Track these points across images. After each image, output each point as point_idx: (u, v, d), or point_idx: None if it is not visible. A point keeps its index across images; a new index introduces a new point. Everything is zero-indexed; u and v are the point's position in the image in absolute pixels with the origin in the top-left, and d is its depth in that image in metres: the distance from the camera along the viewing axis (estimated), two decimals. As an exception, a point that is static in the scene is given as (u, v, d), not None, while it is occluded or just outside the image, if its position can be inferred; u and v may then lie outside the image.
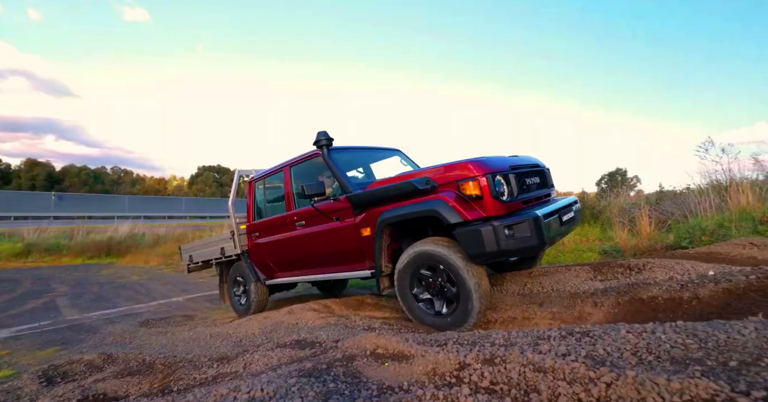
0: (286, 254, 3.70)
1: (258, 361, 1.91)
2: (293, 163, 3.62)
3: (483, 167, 2.33)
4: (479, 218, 2.25)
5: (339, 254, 3.15)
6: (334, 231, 3.09)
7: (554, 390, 0.99)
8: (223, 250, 4.34)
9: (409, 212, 2.48)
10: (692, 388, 0.83)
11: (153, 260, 9.92)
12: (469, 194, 2.28)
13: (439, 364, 1.22)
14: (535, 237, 2.15)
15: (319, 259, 3.39)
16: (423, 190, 2.43)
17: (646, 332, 1.29)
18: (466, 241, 2.23)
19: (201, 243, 5.01)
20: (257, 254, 4.00)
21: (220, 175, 50.07)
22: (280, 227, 3.70)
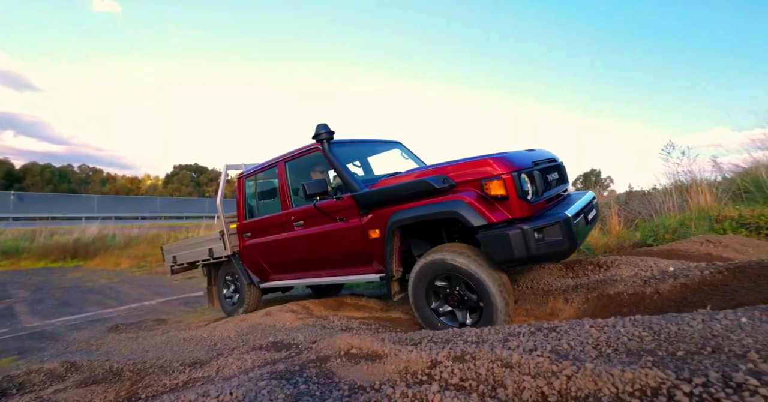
0: (282, 256, 3.48)
1: (232, 364, 1.88)
2: (289, 158, 3.37)
3: (507, 164, 2.14)
4: (504, 220, 2.08)
5: (344, 257, 2.95)
6: (338, 232, 2.88)
7: (519, 384, 1.03)
8: (212, 251, 4.07)
9: (426, 214, 2.27)
10: (643, 378, 0.89)
11: (124, 262, 9.52)
12: (494, 194, 2.09)
13: (412, 363, 1.24)
14: (567, 240, 1.98)
15: (320, 262, 3.19)
16: (440, 189, 2.22)
17: (608, 326, 1.36)
18: (492, 246, 2.04)
19: (186, 243, 4.70)
20: (250, 256, 3.76)
21: (197, 174, 48.55)
22: (275, 227, 3.47)
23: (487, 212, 2.08)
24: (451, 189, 2.24)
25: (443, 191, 2.24)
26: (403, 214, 2.40)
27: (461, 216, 2.11)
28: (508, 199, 2.08)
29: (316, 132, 2.95)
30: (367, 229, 2.65)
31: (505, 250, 2.00)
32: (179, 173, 46.92)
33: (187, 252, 4.55)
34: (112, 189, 42.28)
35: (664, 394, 0.82)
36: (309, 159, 3.29)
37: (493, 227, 2.08)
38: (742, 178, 4.92)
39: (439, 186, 2.22)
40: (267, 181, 3.85)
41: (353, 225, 2.76)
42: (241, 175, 3.91)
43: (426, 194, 2.31)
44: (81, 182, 42.52)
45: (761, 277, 2.01)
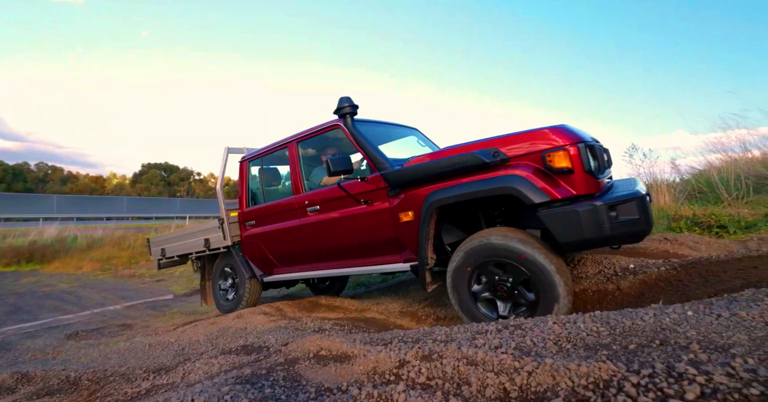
0: (292, 246, 3.15)
1: (198, 369, 1.81)
2: (302, 137, 3.07)
3: (570, 135, 1.92)
4: (568, 197, 1.85)
5: (367, 244, 2.66)
6: (362, 217, 2.60)
7: (483, 381, 1.05)
8: (208, 241, 3.70)
9: (473, 191, 1.99)
10: (596, 371, 0.93)
11: (86, 266, 9.00)
12: (558, 167, 1.85)
13: (380, 363, 1.24)
14: (644, 219, 1.76)
15: (338, 251, 2.89)
16: (491, 164, 1.99)
17: (569, 323, 1.42)
18: (557, 225, 1.80)
19: (178, 234, 4.32)
20: (253, 246, 3.44)
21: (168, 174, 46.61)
22: (284, 214, 3.15)
23: (549, 188, 1.84)
24: (503, 164, 2.00)
25: (493, 166, 2.01)
26: (444, 193, 2.11)
27: (519, 192, 1.85)
28: (573, 173, 1.84)
29: (339, 106, 2.64)
30: (398, 212, 2.39)
31: (574, 230, 1.75)
32: (148, 172, 44.92)
33: (178, 243, 4.16)
34: (73, 188, 39.86)
35: (614, 386, 0.87)
36: (326, 139, 3.01)
37: (554, 205, 1.84)
38: (696, 180, 5.28)
39: (490, 160, 1.97)
40: (275, 164, 3.55)
41: (380, 208, 2.50)
42: (245, 159, 3.58)
43: (472, 170, 2.06)
44: (39, 181, 39.85)
45: (709, 273, 2.16)
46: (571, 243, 1.83)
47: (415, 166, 2.29)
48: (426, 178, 2.23)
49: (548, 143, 1.93)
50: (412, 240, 2.34)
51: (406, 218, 2.35)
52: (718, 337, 1.03)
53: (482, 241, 2.04)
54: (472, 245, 2.07)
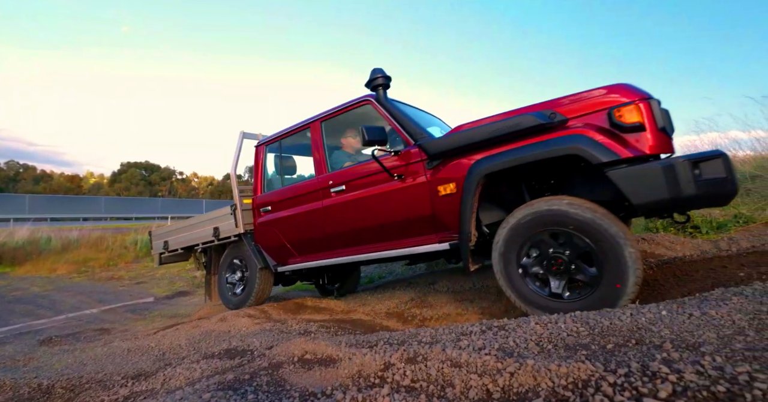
0: (313, 231, 2.96)
1: (180, 375, 1.77)
2: (327, 116, 2.92)
3: (639, 92, 1.79)
4: (640, 157, 1.70)
5: (399, 225, 2.48)
6: (395, 193, 2.44)
7: (467, 383, 1.06)
8: (218, 230, 3.50)
9: (531, 154, 1.82)
10: (576, 371, 0.95)
11: (61, 268, 8.66)
12: (629, 122, 1.70)
13: (365, 366, 1.24)
14: (731, 180, 1.60)
15: (365, 235, 2.69)
16: (547, 126, 1.85)
17: (551, 323, 1.45)
18: (633, 184, 1.62)
19: (184, 224, 4.07)
20: (268, 234, 3.26)
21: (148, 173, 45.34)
22: (305, 197, 2.99)
23: (619, 146, 1.69)
24: (561, 125, 1.86)
25: (550, 129, 1.87)
26: (494, 160, 1.95)
27: (587, 152, 1.68)
28: (645, 131, 1.69)
29: (371, 77, 2.49)
30: (436, 185, 2.23)
31: (653, 189, 1.57)
32: (128, 171, 43.61)
33: (184, 235, 3.92)
34: (47, 188, 38.30)
35: (592, 386, 0.89)
36: (353, 115, 2.84)
37: (624, 165, 1.68)
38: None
39: (547, 121, 1.83)
40: (294, 147, 3.38)
41: (416, 182, 2.35)
42: (262, 143, 3.44)
43: (525, 134, 1.92)
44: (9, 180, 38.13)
45: (683, 272, 2.25)
46: (647, 205, 1.62)
47: (459, 133, 2.13)
48: (472, 146, 2.07)
49: (615, 99, 1.78)
50: (452, 216, 2.17)
51: (445, 191, 2.19)
52: (689, 335, 1.07)
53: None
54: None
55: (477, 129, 2.07)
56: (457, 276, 3.78)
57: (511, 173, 2.03)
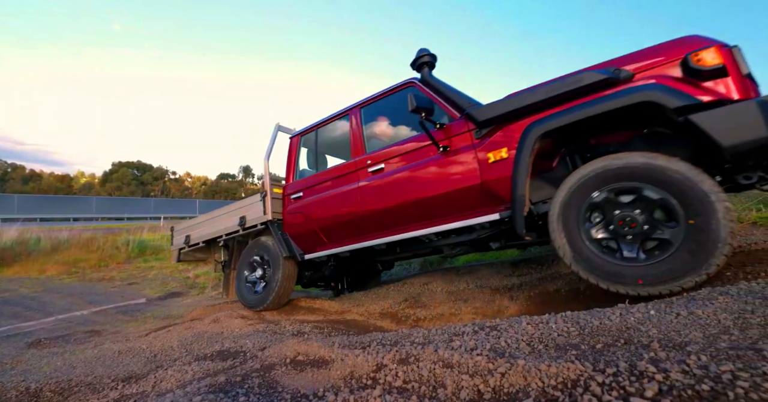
0: (347, 213, 2.86)
1: (171, 377, 1.76)
2: (367, 102, 2.93)
3: (714, 40, 1.69)
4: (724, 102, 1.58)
5: (443, 199, 2.39)
6: (440, 165, 2.37)
7: (458, 383, 1.07)
8: (244, 219, 3.45)
9: (597, 107, 1.71)
10: (565, 371, 0.97)
11: (51, 269, 8.53)
12: (709, 65, 1.58)
13: (357, 367, 1.24)
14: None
15: (406, 212, 2.59)
16: (610, 81, 1.78)
17: (542, 323, 1.47)
18: (720, 125, 1.48)
19: (207, 217, 3.96)
20: (297, 220, 3.22)
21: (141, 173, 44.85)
22: (339, 179, 2.95)
23: (698, 91, 1.60)
24: (628, 80, 1.78)
25: (613, 84, 1.79)
26: (553, 118, 1.85)
27: (663, 98, 1.57)
28: (728, 75, 1.58)
29: (417, 56, 2.50)
30: (486, 153, 2.18)
31: (747, 128, 1.45)
32: (119, 171, 43.06)
33: (208, 227, 3.83)
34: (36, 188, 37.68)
35: (581, 385, 0.91)
36: (395, 100, 2.79)
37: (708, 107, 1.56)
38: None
39: (611, 76, 1.76)
40: (330, 137, 3.34)
41: (463, 152, 2.29)
42: (297, 133, 3.46)
43: (588, 91, 1.83)
44: (-3, 179, 37.44)
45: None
46: (739, 146, 1.47)
47: (510, 97, 2.09)
48: (525, 108, 2.01)
49: (688, 48, 1.68)
50: (502, 183, 2.09)
51: (496, 158, 2.13)
52: (676, 335, 1.09)
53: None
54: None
55: (531, 91, 2.01)
56: (451, 276, 3.80)
57: (566, 136, 1.93)
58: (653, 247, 1.67)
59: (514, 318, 1.65)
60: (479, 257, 5.16)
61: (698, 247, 1.51)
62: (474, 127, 2.27)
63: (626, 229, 1.71)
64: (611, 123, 1.85)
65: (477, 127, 2.25)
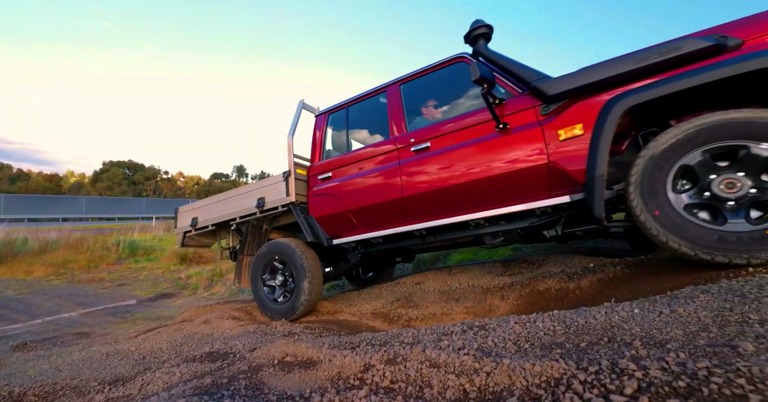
0: (384, 195, 2.63)
1: (158, 380, 1.74)
2: (407, 79, 2.73)
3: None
4: None
5: (502, 180, 2.20)
6: (499, 143, 2.18)
7: (444, 383, 1.07)
8: (263, 201, 3.17)
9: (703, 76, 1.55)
10: (549, 370, 0.98)
11: (38, 271, 8.38)
12: None
13: (345, 368, 1.24)
14: None
15: (458, 194, 2.38)
16: (717, 48, 1.63)
17: (529, 322, 1.48)
18: None
19: (219, 198, 3.61)
20: (325, 203, 2.96)
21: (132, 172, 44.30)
22: (376, 158, 2.72)
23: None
24: (734, 49, 1.63)
25: (716, 53, 1.64)
26: (647, 90, 1.68)
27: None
28: None
29: (471, 28, 2.31)
30: (556, 129, 2.01)
31: None
32: (110, 170, 42.47)
33: (219, 209, 3.50)
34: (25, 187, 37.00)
35: (564, 384, 0.92)
36: (443, 78, 2.61)
37: None
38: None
39: (715, 43, 1.62)
40: (362, 116, 3.11)
41: (527, 129, 2.10)
42: (325, 111, 3.22)
43: (686, 61, 1.69)
44: (-17, 178, 36.66)
45: (658, 271, 2.32)
46: None
47: (589, 68, 1.91)
48: (608, 80, 1.85)
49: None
50: (574, 162, 1.93)
51: (568, 134, 1.96)
52: (658, 333, 1.11)
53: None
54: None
55: (615, 61, 1.83)
56: (444, 275, 3.81)
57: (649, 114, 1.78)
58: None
59: (503, 317, 1.67)
60: (471, 256, 5.18)
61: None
62: (540, 102, 2.10)
63: (730, 193, 1.56)
64: (704, 99, 1.69)
65: (544, 103, 2.07)
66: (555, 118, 2.04)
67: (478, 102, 2.46)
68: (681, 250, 1.64)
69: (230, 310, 3.56)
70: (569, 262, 3.36)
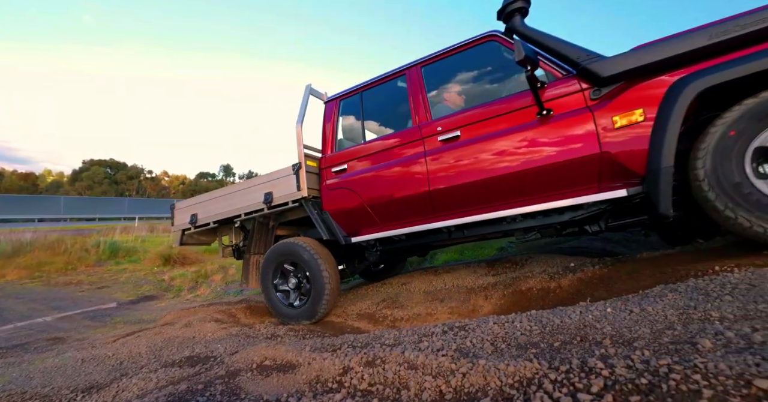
0: (410, 189, 2.45)
1: (134, 386, 1.69)
2: (428, 61, 2.53)
3: None
4: None
5: (547, 172, 2.02)
6: (542, 131, 2.00)
7: (421, 385, 1.08)
8: (270, 196, 2.96)
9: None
10: (522, 370, 1.00)
11: (11, 274, 8.06)
12: None
13: (324, 371, 1.24)
14: None
15: (494, 188, 2.20)
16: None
17: (508, 322, 1.51)
18: None
19: (220, 193, 3.39)
20: (342, 198, 2.76)
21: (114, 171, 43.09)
22: (398, 149, 2.54)
23: None
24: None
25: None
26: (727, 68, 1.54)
27: None
28: None
29: (505, 3, 2.13)
30: (613, 115, 1.82)
31: None
32: (90, 169, 41.19)
33: (221, 205, 3.28)
34: (-2, 185, 35.55)
35: (535, 384, 0.94)
36: (467, 60, 2.42)
37: None
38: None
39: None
40: (380, 100, 2.87)
41: (574, 116, 1.93)
42: (336, 97, 2.99)
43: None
44: (-47, 177, 35.05)
45: (634, 270, 2.39)
46: None
47: (644, 47, 1.74)
48: (675, 59, 1.67)
49: None
50: (632, 152, 1.77)
51: (624, 121, 1.78)
52: (627, 331, 1.14)
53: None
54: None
55: (680, 38, 1.66)
56: (430, 276, 3.84)
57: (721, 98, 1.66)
58: None
59: (483, 318, 1.69)
60: (457, 257, 5.24)
61: None
62: (590, 85, 1.92)
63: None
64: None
65: (595, 86, 1.90)
66: (609, 102, 1.85)
67: (512, 86, 2.28)
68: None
69: (213, 312, 3.50)
70: (551, 261, 3.43)
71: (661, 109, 1.68)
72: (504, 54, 2.27)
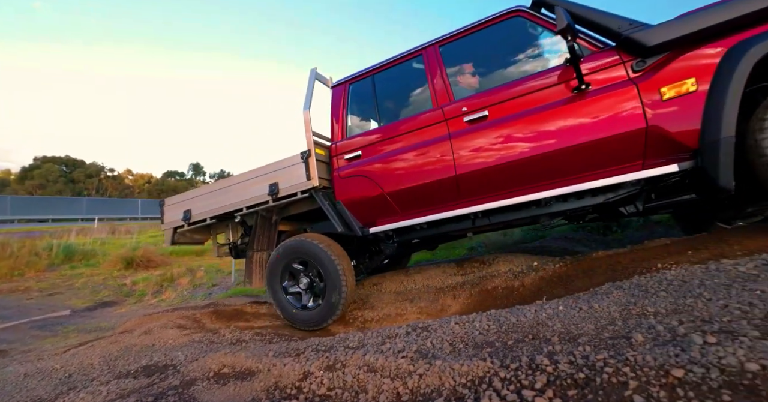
0: (435, 173, 2.30)
1: (81, 401, 1.60)
2: (446, 40, 2.41)
3: None
4: None
5: (588, 149, 1.89)
6: (581, 107, 1.88)
7: (379, 387, 1.10)
8: (276, 187, 2.72)
9: None
10: (475, 369, 1.03)
11: (-54, 281, 7.34)
12: None
13: (283, 377, 1.23)
14: None
15: (529, 169, 2.06)
16: None
17: (468, 322, 1.55)
18: None
19: (217, 187, 3.13)
20: (357, 186, 2.59)
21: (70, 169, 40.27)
22: (418, 132, 2.38)
23: None
24: None
25: None
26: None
27: None
28: None
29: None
30: (660, 86, 1.71)
31: None
32: (43, 167, 38.25)
33: (218, 198, 3.04)
34: (-67, 184, 32.25)
35: (486, 382, 0.97)
36: (490, 37, 2.29)
37: None
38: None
39: None
40: (395, 83, 2.71)
41: (616, 89, 1.82)
42: (344, 81, 2.82)
43: None
44: None
45: (590, 268, 2.53)
46: None
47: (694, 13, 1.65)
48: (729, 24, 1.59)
49: None
50: (684, 124, 1.67)
51: (673, 92, 1.69)
52: (575, 328, 1.21)
53: None
54: None
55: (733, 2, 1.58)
56: (401, 276, 3.87)
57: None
58: None
59: (446, 318, 1.72)
60: (429, 256, 5.31)
61: None
62: (632, 57, 1.82)
63: None
64: None
65: (639, 57, 1.80)
66: (655, 74, 1.75)
67: (538, 64, 2.18)
68: None
69: (177, 318, 3.35)
70: (516, 260, 3.56)
71: (717, 75, 1.59)
72: (529, 30, 2.18)
